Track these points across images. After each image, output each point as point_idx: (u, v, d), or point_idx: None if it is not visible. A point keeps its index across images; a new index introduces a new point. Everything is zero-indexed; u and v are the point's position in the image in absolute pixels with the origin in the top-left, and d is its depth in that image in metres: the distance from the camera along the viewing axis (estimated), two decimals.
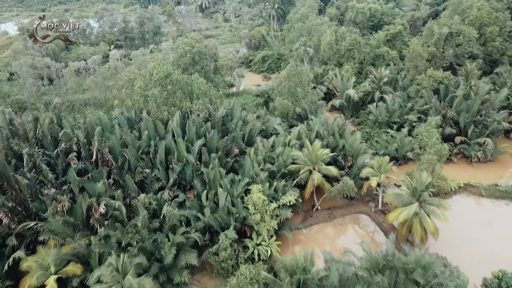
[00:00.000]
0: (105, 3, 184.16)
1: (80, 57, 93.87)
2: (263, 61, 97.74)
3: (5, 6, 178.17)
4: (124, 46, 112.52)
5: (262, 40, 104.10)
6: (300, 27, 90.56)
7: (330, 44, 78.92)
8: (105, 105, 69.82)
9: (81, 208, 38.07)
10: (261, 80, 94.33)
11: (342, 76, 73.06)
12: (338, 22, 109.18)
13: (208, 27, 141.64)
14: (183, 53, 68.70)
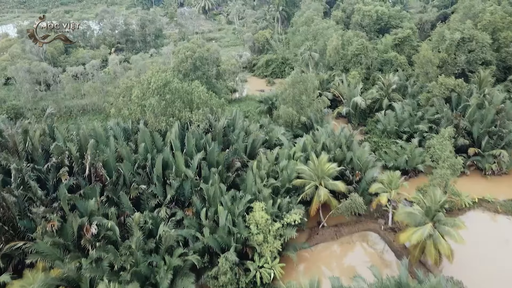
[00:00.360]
0: (106, 4, 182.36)
1: (79, 61, 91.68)
2: (266, 66, 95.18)
3: (6, 7, 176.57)
4: (125, 49, 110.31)
5: (266, 43, 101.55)
6: (305, 31, 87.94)
7: (336, 49, 76.25)
8: (104, 111, 67.47)
9: (71, 228, 35.67)
10: (265, 85, 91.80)
11: (349, 82, 70.41)
12: (344, 25, 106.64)
13: (211, 29, 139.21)
14: (184, 59, 66.34)
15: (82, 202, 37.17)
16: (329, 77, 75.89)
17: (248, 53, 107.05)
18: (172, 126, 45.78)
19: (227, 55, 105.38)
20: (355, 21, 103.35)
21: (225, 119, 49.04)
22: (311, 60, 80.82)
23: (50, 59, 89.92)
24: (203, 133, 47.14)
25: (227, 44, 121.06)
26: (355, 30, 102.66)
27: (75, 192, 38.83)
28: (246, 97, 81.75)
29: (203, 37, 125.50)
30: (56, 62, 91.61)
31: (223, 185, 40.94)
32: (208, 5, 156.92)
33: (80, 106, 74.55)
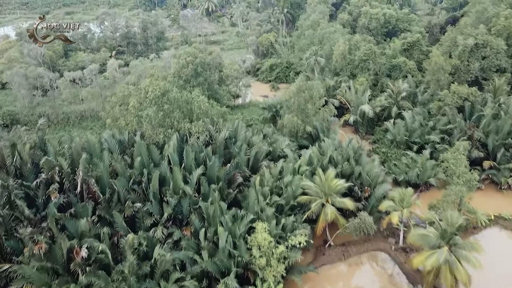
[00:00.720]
0: (109, 6, 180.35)
1: (79, 65, 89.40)
2: (271, 70, 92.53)
3: (8, 8, 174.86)
4: (127, 52, 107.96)
5: (270, 47, 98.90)
6: (310, 35, 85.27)
7: (343, 54, 73.51)
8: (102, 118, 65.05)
9: (60, 250, 33.25)
10: (269, 90, 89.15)
11: (356, 89, 67.71)
12: (350, 29, 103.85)
13: (214, 32, 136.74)
14: (184, 64, 63.89)
15: (72, 222, 34.75)
16: (335, 84, 73.15)
17: (252, 56, 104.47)
18: (171, 139, 43.29)
19: (231, 58, 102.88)
20: (362, 24, 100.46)
21: (226, 131, 46.50)
22: (317, 66, 78.10)
23: (49, 63, 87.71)
24: (203, 145, 44.60)
25: (231, 47, 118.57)
26: (362, 33, 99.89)
27: (66, 211, 36.42)
28: (249, 103, 79.13)
29: (206, 40, 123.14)
30: (55, 66, 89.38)
31: (223, 203, 38.36)
32: (212, 7, 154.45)
33: (78, 112, 72.25)
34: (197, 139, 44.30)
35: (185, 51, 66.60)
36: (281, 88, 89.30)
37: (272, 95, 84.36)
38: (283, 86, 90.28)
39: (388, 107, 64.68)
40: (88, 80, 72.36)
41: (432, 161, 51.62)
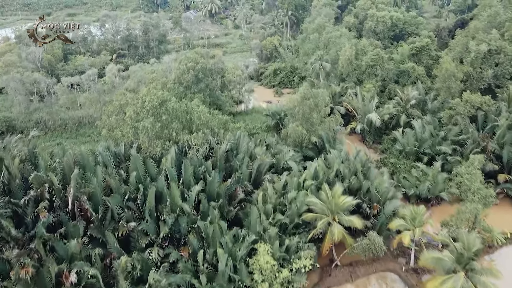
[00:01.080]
0: (111, 7, 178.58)
1: (78, 69, 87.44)
2: (275, 75, 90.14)
3: (10, 9, 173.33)
4: (128, 55, 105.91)
5: (274, 51, 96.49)
6: (315, 39, 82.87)
7: (349, 59, 71.10)
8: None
9: (49, 274, 31.09)
10: (273, 95, 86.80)
11: (363, 96, 65.31)
12: (356, 32, 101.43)
13: (218, 34, 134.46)
14: (185, 70, 61.77)
15: (61, 243, 32.60)
16: (341, 90, 70.72)
17: (255, 60, 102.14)
18: (168, 151, 41.02)
19: (234, 62, 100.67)
20: (368, 28, 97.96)
21: (228, 142, 44.17)
22: (322, 71, 75.72)
23: (48, 67, 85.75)
24: (203, 158, 42.28)
25: (234, 50, 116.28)
26: (369, 37, 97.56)
27: (56, 230, 34.23)
28: (252, 110, 76.82)
29: (209, 42, 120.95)
30: (54, 70, 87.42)
31: (223, 223, 36.04)
32: (215, 8, 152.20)
33: (76, 118, 70.20)
34: (197, 151, 42.02)
35: (186, 56, 64.42)
36: (285, 94, 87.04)
37: (276, 101, 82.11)
38: (287, 91, 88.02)
39: (397, 115, 62.21)
40: (86, 85, 70.29)
41: (443, 174, 49.16)
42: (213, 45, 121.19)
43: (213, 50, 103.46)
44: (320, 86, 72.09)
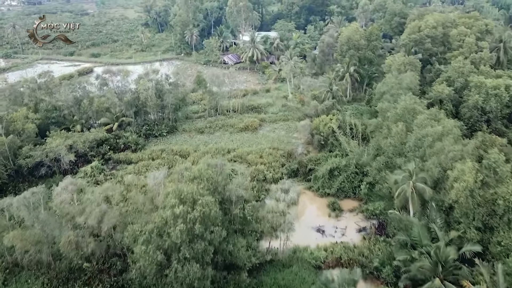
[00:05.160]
0: (142, 47, 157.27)
1: (50, 156, 61.96)
2: (331, 176, 59.77)
3: (32, 47, 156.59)
4: (134, 123, 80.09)
5: (331, 136, 66.37)
6: (399, 133, 51.90)
7: (469, 190, 39.85)
8: None
9: None
10: (327, 212, 56.20)
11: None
12: (452, 107, 69.78)
13: (257, 90, 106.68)
14: (170, 219, 33.24)
15: None
16: (456, 248, 39.11)
17: (300, 139, 72.34)
18: None
19: (273, 139, 71.75)
20: (473, 104, 66.20)
21: None
22: (416, 198, 44.70)
23: (7, 151, 60.94)
24: None
25: (275, 117, 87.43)
26: (471, 116, 65.97)
27: None
28: (292, 256, 46.48)
29: (243, 104, 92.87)
30: (17, 155, 62.54)
31: None
32: (257, 55, 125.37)
33: None
34: None
35: (174, 190, 35.69)
36: (345, 211, 56.26)
37: (333, 227, 51.93)
38: (349, 206, 57.27)
39: None
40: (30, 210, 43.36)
41: None
42: (248, 108, 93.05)
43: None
44: (414, 227, 41.28)
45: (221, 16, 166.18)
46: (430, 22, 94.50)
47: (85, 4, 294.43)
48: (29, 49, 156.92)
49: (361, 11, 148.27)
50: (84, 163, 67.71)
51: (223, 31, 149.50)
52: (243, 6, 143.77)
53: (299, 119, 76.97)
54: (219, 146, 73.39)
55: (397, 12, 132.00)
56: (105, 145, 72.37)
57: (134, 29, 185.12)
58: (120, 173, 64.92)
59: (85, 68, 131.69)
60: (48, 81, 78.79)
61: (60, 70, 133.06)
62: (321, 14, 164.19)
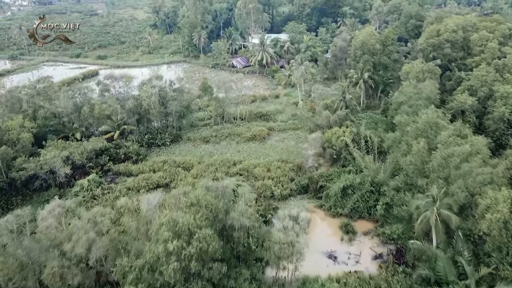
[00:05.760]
0: (149, 49, 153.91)
1: (44, 168, 58.42)
2: (343, 195, 55.19)
3: (39, 48, 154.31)
4: (136, 132, 76.39)
5: (344, 150, 61.74)
6: (420, 152, 47.01)
7: (504, 222, 35.11)
8: None
9: None
10: (339, 235, 51.63)
11: None
12: (476, 119, 64.74)
13: (266, 96, 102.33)
14: (163, 256, 29.19)
15: None
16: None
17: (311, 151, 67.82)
18: None
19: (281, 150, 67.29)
20: (498, 116, 61.17)
21: None
22: (439, 227, 39.99)
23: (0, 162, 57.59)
24: None
25: (284, 126, 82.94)
26: (500, 130, 60.95)
27: None
28: (303, 282, 42.11)
29: (251, 111, 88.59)
30: (11, 167, 59.07)
31: None
32: (267, 58, 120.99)
33: None
34: None
35: (171, 219, 31.56)
36: (359, 234, 51.59)
37: (346, 252, 47.40)
38: (364, 228, 52.62)
39: None
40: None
41: None
42: (256, 115, 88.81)
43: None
44: (438, 261, 36.65)
45: (231, 17, 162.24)
46: (450, 26, 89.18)
47: (94, 4, 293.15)
48: (35, 51, 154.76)
49: (375, 13, 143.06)
50: (82, 175, 64.06)
51: (232, 33, 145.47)
52: (252, 8, 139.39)
53: (309, 130, 72.33)
54: (225, 158, 69.11)
55: (413, 14, 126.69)
56: (105, 156, 68.73)
57: (143, 30, 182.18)
58: (118, 187, 61.08)
59: (90, 71, 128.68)
60: (47, 87, 75.17)
61: (65, 72, 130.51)
62: (333, 16, 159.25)
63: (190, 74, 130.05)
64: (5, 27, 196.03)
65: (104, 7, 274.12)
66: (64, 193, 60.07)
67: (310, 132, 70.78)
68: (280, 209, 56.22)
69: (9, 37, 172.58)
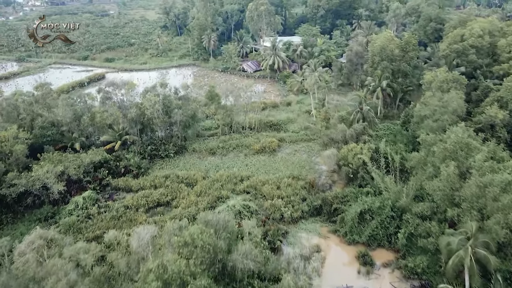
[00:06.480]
0: (158, 51, 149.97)
1: (36, 184, 54.28)
2: (360, 220, 49.87)
3: (46, 50, 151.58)
4: (138, 143, 72.08)
5: (361, 168, 56.36)
6: (451, 178, 41.48)
7: None
8: None
9: None
10: (356, 264, 46.32)
11: None
12: (505, 143, 58.45)
13: (277, 103, 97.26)
14: None
15: None
16: None
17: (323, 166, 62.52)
18: None
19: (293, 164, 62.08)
20: None
21: None
22: (475, 270, 34.50)
23: None
24: None
25: (295, 137, 77.72)
26: None
27: None
28: None
29: (261, 120, 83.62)
30: (1, 182, 55.01)
31: None
32: (278, 63, 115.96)
33: None
34: None
35: (160, 265, 26.77)
36: (379, 264, 46.21)
37: (364, 283, 42.08)
38: (383, 257, 47.24)
39: None
40: None
41: None
42: (266, 124, 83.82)
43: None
44: None
45: (242, 19, 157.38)
46: (476, 31, 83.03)
47: (106, 4, 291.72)
48: (43, 53, 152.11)
49: (392, 15, 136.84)
50: (78, 190, 59.80)
51: (243, 36, 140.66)
52: (264, 11, 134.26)
53: (323, 144, 67.04)
54: (231, 173, 64.15)
55: (433, 17, 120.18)
56: (104, 169, 64.47)
57: (153, 31, 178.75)
58: (116, 205, 56.61)
59: (96, 74, 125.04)
60: (45, 94, 71.20)
61: (71, 75, 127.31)
62: (348, 18, 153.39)
63: (199, 78, 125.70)
64: (15, 27, 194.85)
65: (116, 7, 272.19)
66: (58, 211, 55.86)
67: (324, 146, 65.59)
68: (290, 233, 51.36)
69: (18, 39, 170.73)
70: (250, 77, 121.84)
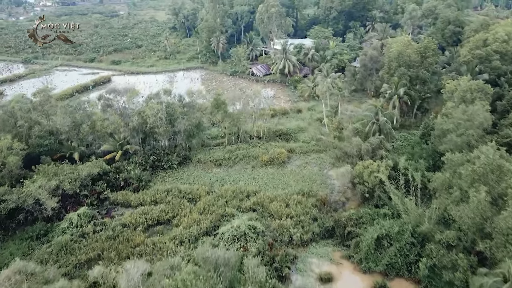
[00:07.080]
0: (165, 54, 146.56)
1: (27, 201, 50.73)
2: (377, 246, 45.35)
3: (53, 51, 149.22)
4: (139, 152, 68.45)
5: (377, 187, 51.75)
6: (481, 203, 36.86)
7: None
8: None
9: None
10: None
11: None
12: None
13: (287, 109, 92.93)
14: None
15: None
16: None
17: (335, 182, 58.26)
18: None
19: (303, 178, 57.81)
20: None
21: None
22: None
23: None
24: None
25: (306, 147, 73.46)
26: None
27: None
28: None
29: (269, 128, 79.42)
30: None
31: None
32: (289, 67, 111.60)
33: None
34: None
35: None
36: None
37: None
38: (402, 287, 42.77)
39: None
40: None
41: None
42: (275, 133, 79.57)
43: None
44: None
45: (252, 20, 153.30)
46: (500, 35, 77.78)
47: (116, 5, 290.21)
48: (50, 54, 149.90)
49: (408, 17, 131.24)
50: (74, 205, 56.27)
51: (253, 38, 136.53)
52: (274, 13, 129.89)
53: (336, 158, 62.55)
54: (237, 187, 60.03)
55: (451, 19, 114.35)
56: (102, 182, 60.92)
57: (162, 33, 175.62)
58: (113, 222, 52.89)
59: (102, 77, 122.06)
60: (43, 101, 67.92)
61: (77, 78, 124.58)
62: (361, 20, 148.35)
63: (207, 82, 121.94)
64: (24, 28, 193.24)
65: (126, 8, 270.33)
66: (52, 228, 52.34)
67: (337, 160, 61.07)
68: (299, 258, 47.09)
69: (25, 40, 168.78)
70: (259, 82, 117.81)
